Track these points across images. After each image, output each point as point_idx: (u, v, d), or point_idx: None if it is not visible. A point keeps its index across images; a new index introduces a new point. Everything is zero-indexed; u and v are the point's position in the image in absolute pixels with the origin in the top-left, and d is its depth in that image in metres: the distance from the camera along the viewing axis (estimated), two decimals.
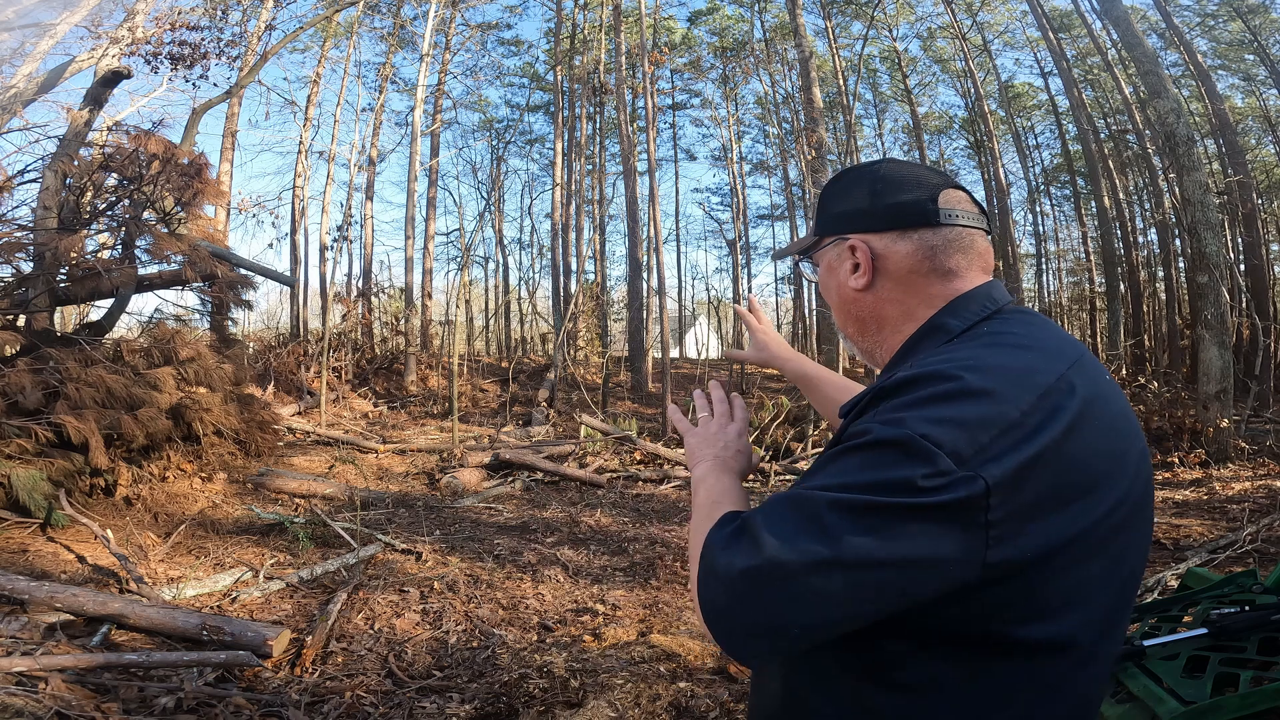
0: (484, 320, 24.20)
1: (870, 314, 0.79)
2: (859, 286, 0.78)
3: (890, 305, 0.77)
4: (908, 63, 21.48)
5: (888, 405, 0.63)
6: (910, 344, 0.74)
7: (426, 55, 15.52)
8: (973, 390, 0.59)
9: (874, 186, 0.78)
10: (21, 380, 4.17)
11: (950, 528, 0.55)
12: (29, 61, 6.33)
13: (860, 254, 0.77)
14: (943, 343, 0.70)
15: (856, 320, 0.81)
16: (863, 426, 0.62)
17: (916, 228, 0.75)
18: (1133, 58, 8.52)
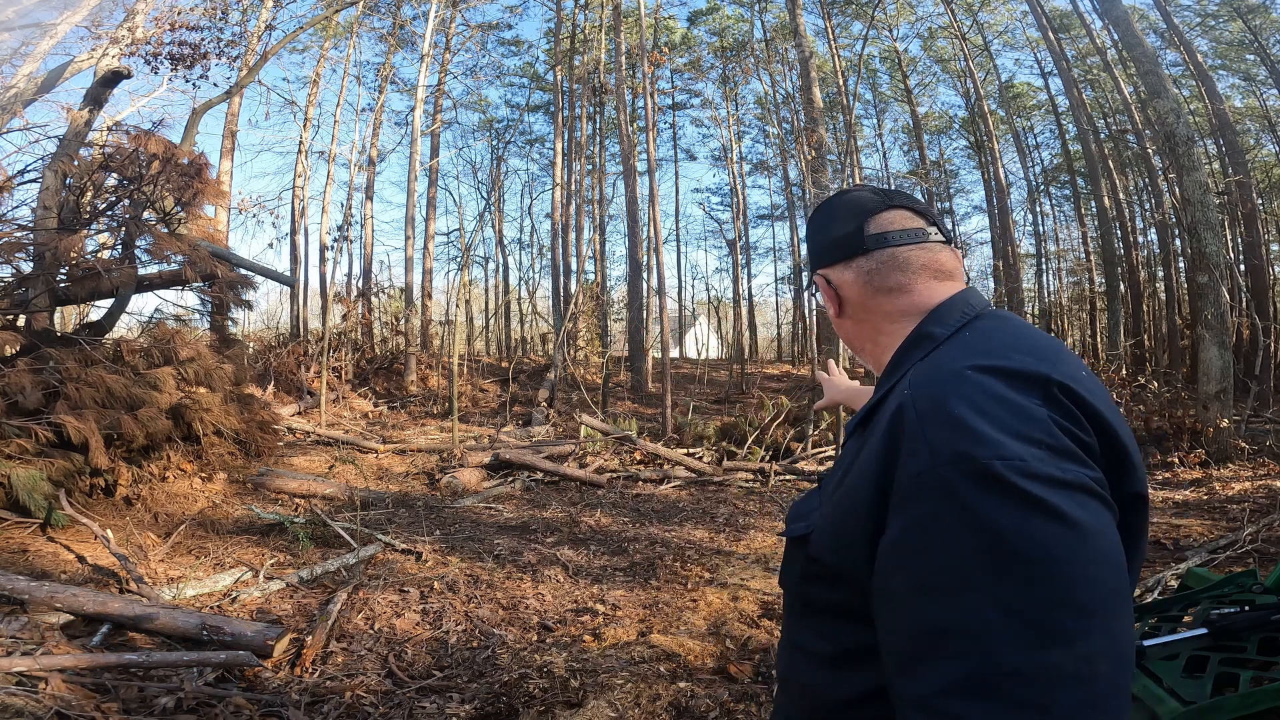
0: (484, 320, 24.21)
1: (854, 335, 0.87)
2: (832, 315, 0.87)
3: (863, 326, 0.84)
4: (908, 63, 21.49)
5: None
6: (899, 355, 0.77)
7: (426, 55, 15.51)
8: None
9: (824, 221, 0.87)
10: (21, 380, 4.17)
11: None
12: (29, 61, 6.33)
13: (822, 288, 0.86)
14: (929, 350, 0.72)
15: (848, 341, 0.89)
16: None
17: (853, 257, 0.82)
18: (1133, 58, 8.52)
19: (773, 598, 3.56)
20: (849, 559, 0.64)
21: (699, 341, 30.97)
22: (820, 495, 0.75)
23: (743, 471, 7.30)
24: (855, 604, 0.64)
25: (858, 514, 0.63)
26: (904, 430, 0.61)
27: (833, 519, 0.67)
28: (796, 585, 0.75)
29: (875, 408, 0.70)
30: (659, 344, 12.79)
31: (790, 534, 0.77)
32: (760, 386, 14.43)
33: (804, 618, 0.74)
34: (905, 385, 0.66)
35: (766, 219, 28.77)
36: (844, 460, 0.73)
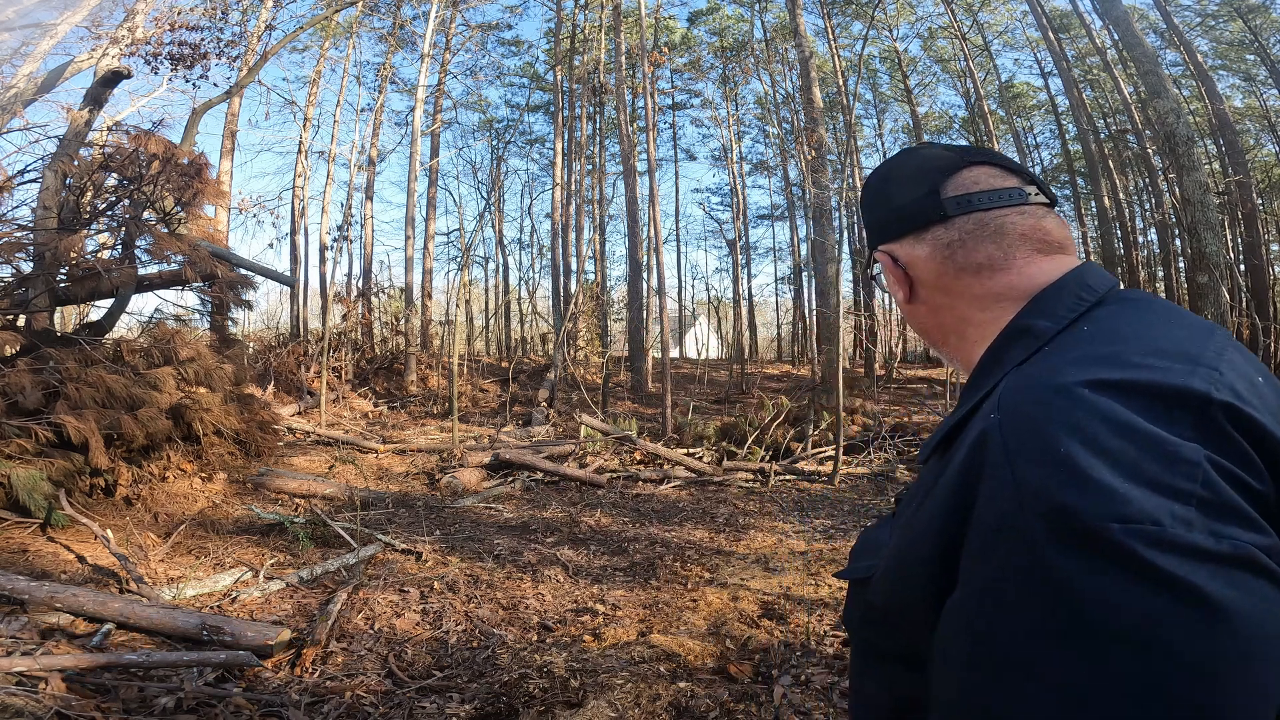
0: (484, 320, 24.21)
1: (930, 326, 0.70)
2: (901, 301, 0.70)
3: (943, 315, 0.67)
4: (908, 63, 21.49)
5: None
6: (992, 355, 0.60)
7: (426, 55, 15.52)
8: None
9: (883, 188, 0.71)
10: (21, 380, 4.18)
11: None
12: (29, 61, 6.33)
13: (886, 267, 0.70)
14: (1032, 351, 0.56)
15: (922, 333, 0.72)
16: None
17: (927, 226, 0.66)
18: (1133, 58, 8.52)
19: (773, 598, 3.56)
20: (907, 614, 0.54)
21: (699, 341, 30.98)
22: (893, 526, 0.63)
23: (743, 471, 7.30)
24: (923, 654, 0.54)
25: (920, 562, 0.52)
26: (985, 466, 0.47)
27: (893, 563, 0.56)
28: (858, 628, 0.65)
29: (957, 428, 0.56)
30: (659, 344, 12.80)
31: (847, 575, 0.66)
32: (760, 386, 14.43)
33: (866, 663, 0.65)
34: (992, 404, 0.51)
35: (766, 219, 28.82)
36: (920, 487, 0.59)
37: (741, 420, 8.77)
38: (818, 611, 3.34)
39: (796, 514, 5.69)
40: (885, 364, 18.11)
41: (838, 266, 11.28)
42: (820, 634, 3.06)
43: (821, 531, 5.07)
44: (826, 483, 6.92)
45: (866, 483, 7.01)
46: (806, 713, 2.39)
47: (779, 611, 3.35)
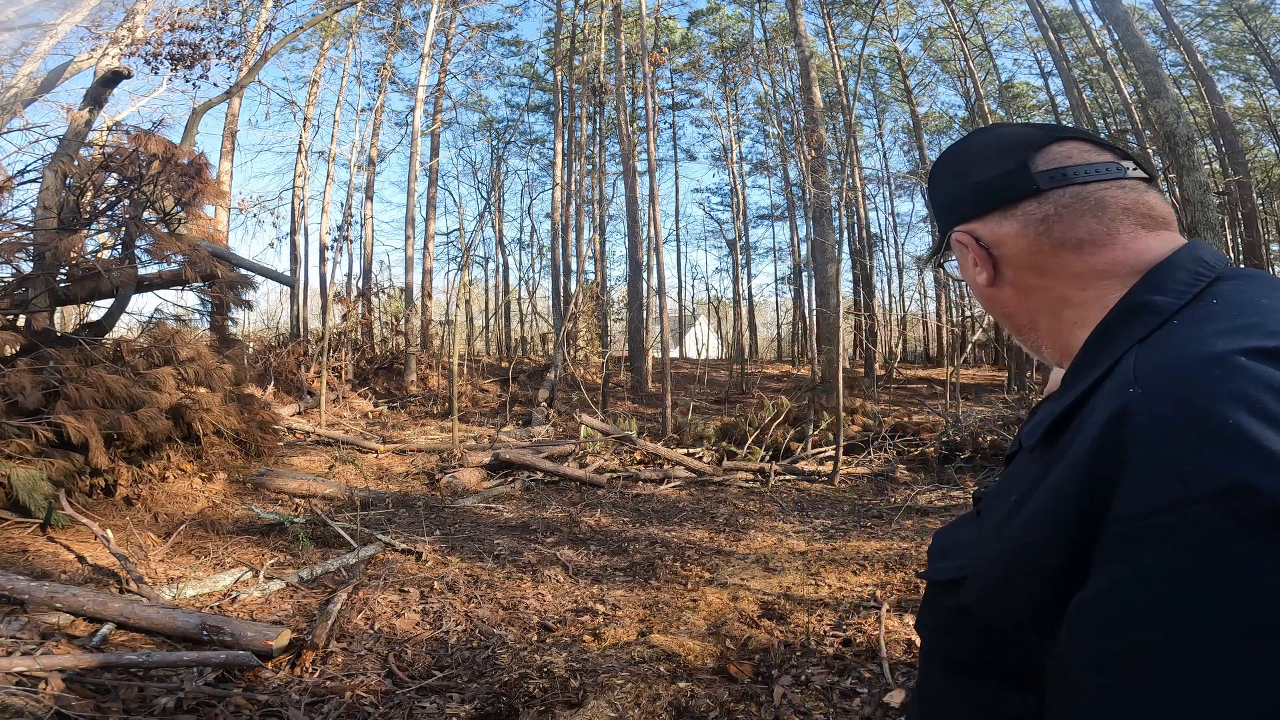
0: (484, 320, 24.22)
1: (1016, 310, 0.65)
2: (982, 284, 0.66)
3: (1032, 298, 0.63)
4: (908, 63, 21.50)
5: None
6: (1101, 336, 0.56)
7: (426, 55, 15.52)
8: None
9: (959, 167, 0.67)
10: (21, 380, 4.18)
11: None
12: (29, 61, 6.33)
13: (970, 247, 0.65)
14: (1154, 327, 0.52)
15: (1006, 319, 0.68)
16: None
17: (1017, 201, 0.62)
18: (1133, 58, 8.52)
19: (773, 598, 3.57)
20: (1017, 617, 0.49)
21: (699, 341, 30.99)
22: (980, 526, 0.59)
23: (743, 471, 7.30)
24: (1018, 668, 0.51)
25: (1039, 558, 0.47)
26: (1130, 446, 0.43)
27: (999, 562, 0.51)
28: (938, 635, 0.61)
29: (1068, 414, 0.52)
30: (659, 344, 12.80)
31: (933, 577, 0.61)
32: (760, 386, 14.43)
33: (945, 675, 0.60)
34: (1124, 379, 0.47)
35: (766, 219, 28.85)
36: (1016, 482, 0.55)
37: (741, 420, 8.77)
38: (818, 611, 3.34)
39: (796, 514, 5.69)
40: (885, 364, 18.12)
41: (838, 266, 11.28)
42: (820, 634, 3.06)
43: (821, 531, 5.07)
44: (826, 483, 6.92)
45: (866, 483, 7.01)
46: (806, 713, 2.39)
47: (779, 611, 3.35)
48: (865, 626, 3.09)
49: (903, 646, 2.87)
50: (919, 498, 6.10)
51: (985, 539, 0.56)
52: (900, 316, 25.55)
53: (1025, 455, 0.58)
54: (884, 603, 3.33)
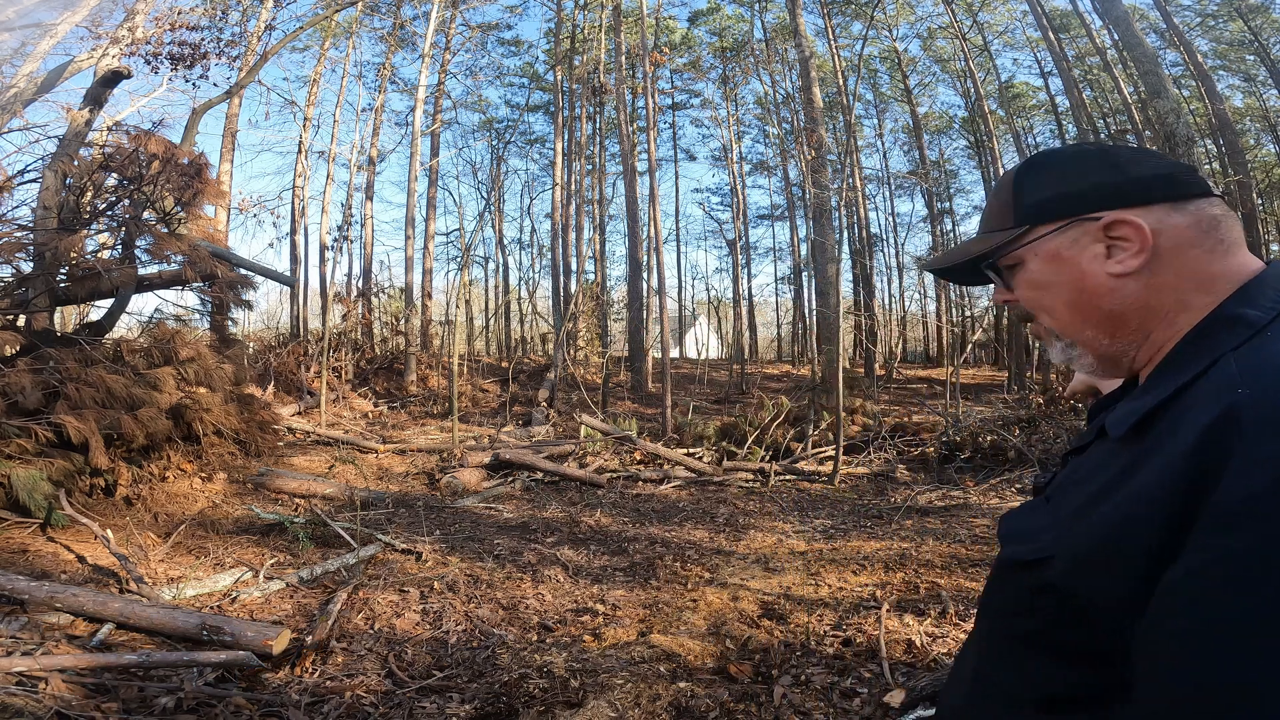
0: (484, 320, 24.22)
1: (1132, 306, 0.64)
2: (1122, 271, 0.63)
3: (1163, 293, 0.63)
4: (908, 63, 21.50)
5: None
6: (1197, 338, 0.60)
7: (426, 55, 15.53)
8: None
9: (1112, 159, 0.67)
10: (21, 380, 4.17)
11: None
12: (29, 61, 6.33)
13: (1133, 231, 0.63)
14: (1245, 338, 0.56)
15: (1107, 317, 0.65)
16: None
17: (1189, 199, 0.63)
18: (1133, 58, 8.52)
19: (773, 598, 3.56)
20: (1110, 591, 0.54)
21: (699, 341, 30.99)
22: (1054, 511, 0.64)
23: (743, 471, 7.30)
24: (1091, 645, 0.56)
25: (1137, 537, 0.52)
26: (1236, 440, 0.48)
27: (1091, 541, 0.56)
28: (1007, 616, 0.65)
29: (1159, 410, 0.57)
30: (659, 344, 12.80)
31: (1016, 557, 0.64)
32: (760, 386, 14.44)
33: (1009, 653, 0.64)
34: (1228, 381, 0.52)
35: (766, 219, 28.85)
36: (1097, 471, 0.61)
37: (741, 420, 8.77)
38: (818, 611, 3.34)
39: (796, 514, 5.69)
40: (885, 364, 18.12)
41: (838, 266, 11.28)
42: (820, 634, 3.06)
43: (821, 531, 5.07)
44: (826, 483, 6.92)
45: (866, 483, 7.01)
46: (806, 713, 2.39)
47: (779, 611, 3.35)
48: (865, 626, 3.09)
49: (903, 646, 2.87)
50: (919, 498, 6.10)
51: (1065, 523, 0.60)
52: (900, 316, 25.56)
53: (1106, 446, 0.63)
54: (884, 603, 3.33)
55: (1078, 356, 0.69)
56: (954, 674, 0.77)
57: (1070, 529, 0.59)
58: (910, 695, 2.39)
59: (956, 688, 0.73)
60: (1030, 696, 0.61)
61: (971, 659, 0.71)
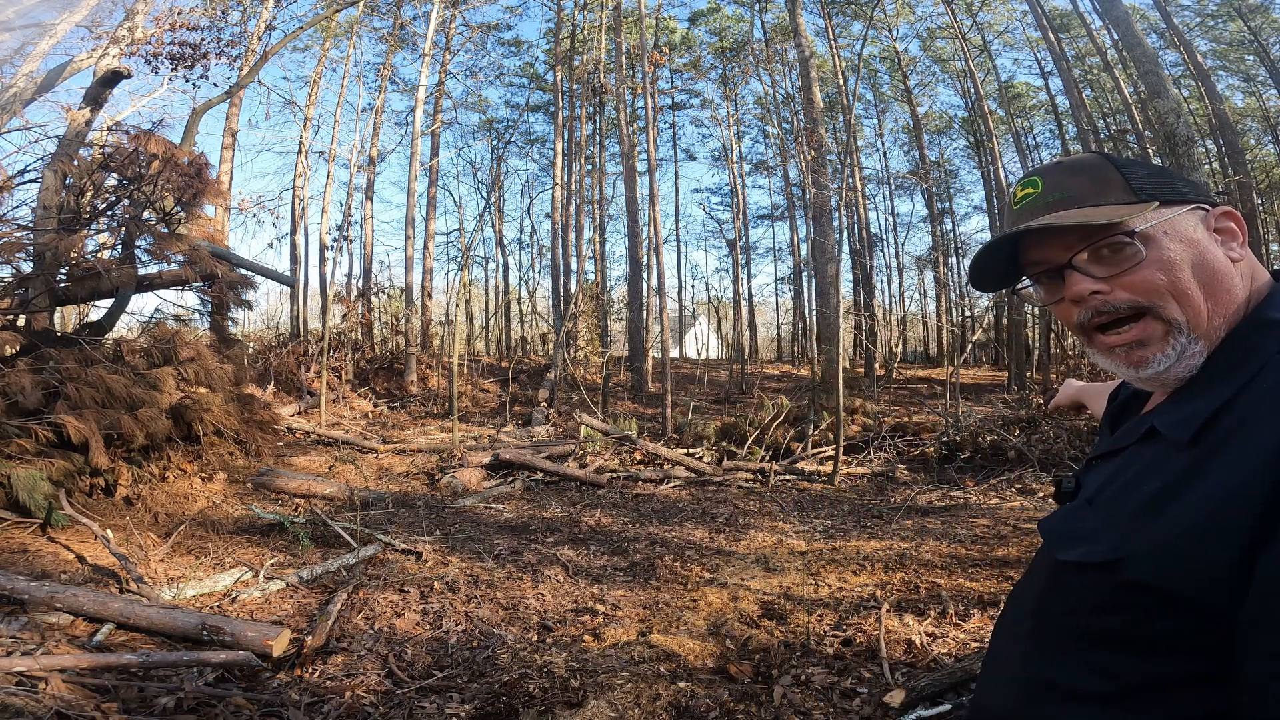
0: (484, 320, 24.22)
1: (1241, 295, 0.68)
2: (1238, 259, 0.68)
3: (1247, 286, 0.68)
4: (908, 63, 21.50)
5: None
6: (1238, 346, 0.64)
7: (426, 55, 15.52)
8: None
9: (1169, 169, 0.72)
10: (21, 380, 4.17)
11: None
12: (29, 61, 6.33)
13: (1237, 224, 0.69)
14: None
15: (1232, 305, 0.67)
16: None
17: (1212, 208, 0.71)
18: (1133, 58, 8.52)
19: (773, 598, 3.56)
20: (1200, 580, 0.56)
21: (699, 341, 30.99)
22: (1105, 515, 0.65)
23: (743, 471, 7.30)
24: (1181, 635, 0.58)
25: (1228, 530, 0.55)
26: None
27: (1174, 538, 0.58)
28: (1073, 615, 0.66)
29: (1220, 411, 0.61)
30: (659, 344, 12.79)
31: (1084, 559, 0.65)
32: (760, 386, 14.44)
33: (1075, 652, 0.65)
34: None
35: (766, 219, 28.85)
36: (1154, 471, 0.63)
37: (741, 420, 8.77)
38: (818, 611, 3.34)
39: (796, 514, 5.69)
40: (885, 364, 18.12)
41: (838, 266, 11.28)
42: (820, 634, 3.06)
43: (821, 531, 5.07)
44: (826, 483, 6.92)
45: (866, 483, 7.01)
46: (806, 713, 2.39)
47: (779, 611, 3.35)
48: (865, 626, 3.09)
49: (902, 646, 2.87)
50: (919, 498, 6.10)
51: (1128, 524, 0.62)
52: (900, 316, 25.57)
53: (1158, 448, 0.64)
54: (884, 603, 3.33)
55: (1192, 358, 0.66)
56: (991, 679, 0.76)
57: (1139, 528, 0.61)
58: (910, 695, 2.39)
59: (1000, 692, 0.72)
60: (1104, 691, 0.61)
61: (1017, 662, 0.71)
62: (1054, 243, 0.70)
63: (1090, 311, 0.69)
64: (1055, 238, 0.70)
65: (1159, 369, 0.67)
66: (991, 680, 0.76)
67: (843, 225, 12.22)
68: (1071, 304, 0.70)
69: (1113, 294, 0.67)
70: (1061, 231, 0.69)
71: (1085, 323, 0.69)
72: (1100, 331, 0.70)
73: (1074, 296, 0.69)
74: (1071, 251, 0.68)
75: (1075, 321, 0.70)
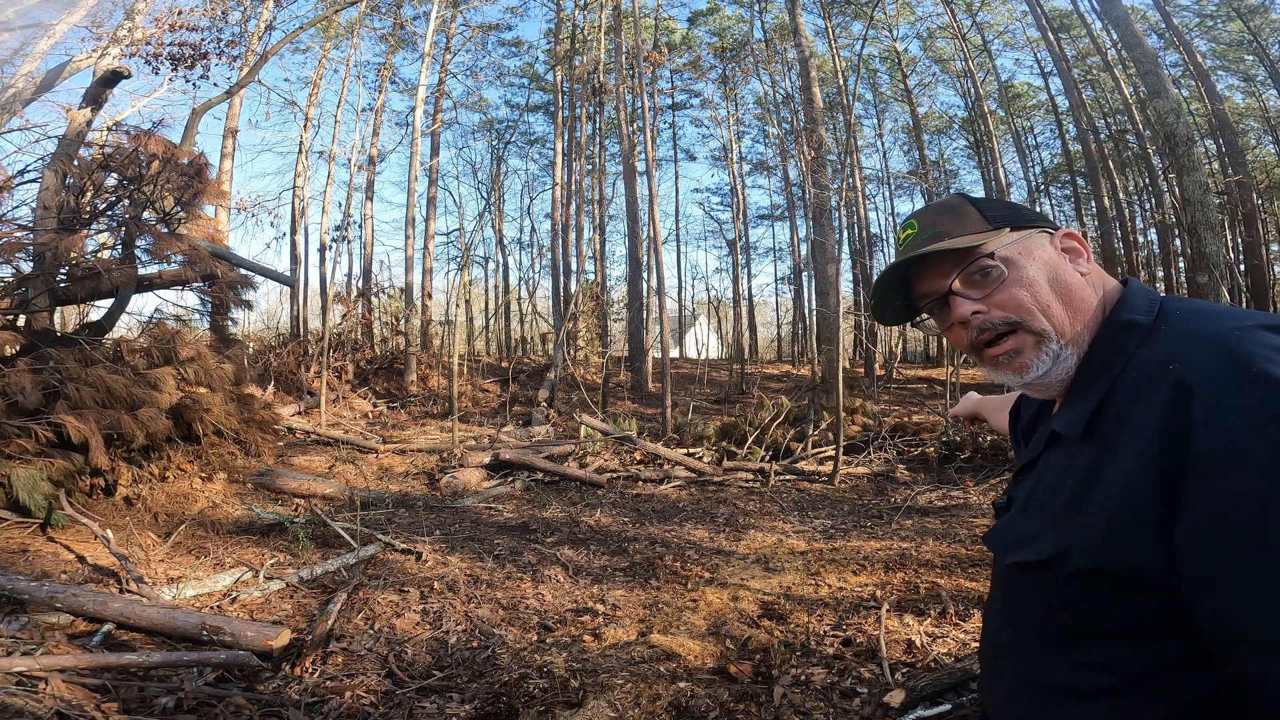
0: (484, 320, 24.21)
1: (1095, 304, 0.76)
2: (1085, 272, 0.77)
3: (1098, 295, 0.76)
4: (908, 63, 21.49)
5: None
6: (1106, 343, 0.71)
7: (427, 55, 15.52)
8: None
9: (1018, 204, 0.83)
10: (21, 380, 4.17)
11: None
12: (28, 61, 6.32)
13: (1080, 243, 0.78)
14: (1142, 338, 0.68)
15: (1088, 313, 0.75)
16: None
17: (1054, 232, 0.80)
18: (1133, 58, 8.52)
19: (773, 598, 3.56)
20: (1139, 557, 0.59)
21: (699, 341, 30.98)
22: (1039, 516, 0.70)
23: (743, 471, 7.30)
24: (1150, 614, 0.61)
25: (1138, 507, 0.58)
26: (1194, 402, 0.57)
27: (1101, 522, 0.62)
28: (1042, 617, 0.69)
29: (1101, 408, 0.67)
30: (659, 344, 12.80)
31: (1029, 559, 0.69)
32: (760, 386, 14.43)
33: (1059, 651, 0.67)
34: (1153, 367, 0.63)
35: (766, 219, 28.84)
36: (1067, 470, 0.68)
37: (741, 420, 8.77)
38: (818, 611, 3.34)
39: (796, 514, 5.69)
40: (885, 364, 18.12)
41: (838, 266, 11.28)
42: (820, 634, 3.06)
43: (821, 531, 5.07)
44: (826, 483, 6.92)
45: (866, 483, 7.01)
46: (806, 713, 2.39)
47: (779, 611, 3.35)
48: (865, 626, 3.09)
49: (902, 646, 2.87)
50: (919, 498, 6.10)
51: (1060, 519, 0.67)
52: None
53: (1063, 449, 0.70)
54: (884, 603, 3.33)
55: (1066, 361, 0.73)
56: (993, 691, 0.79)
57: (1071, 522, 0.65)
58: (910, 695, 2.39)
59: (1008, 707, 0.74)
60: (1105, 684, 0.64)
61: (1012, 673, 0.74)
62: (933, 274, 0.79)
63: (975, 331, 0.76)
64: (934, 269, 0.79)
65: (1039, 373, 0.74)
66: (992, 697, 0.79)
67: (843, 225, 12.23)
68: (960, 326, 0.78)
69: (989, 313, 0.75)
70: (936, 260, 0.78)
71: (974, 341, 0.77)
72: (987, 346, 0.77)
73: (958, 318, 0.77)
74: (949, 279, 0.77)
75: (965, 342, 0.78)
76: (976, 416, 1.37)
